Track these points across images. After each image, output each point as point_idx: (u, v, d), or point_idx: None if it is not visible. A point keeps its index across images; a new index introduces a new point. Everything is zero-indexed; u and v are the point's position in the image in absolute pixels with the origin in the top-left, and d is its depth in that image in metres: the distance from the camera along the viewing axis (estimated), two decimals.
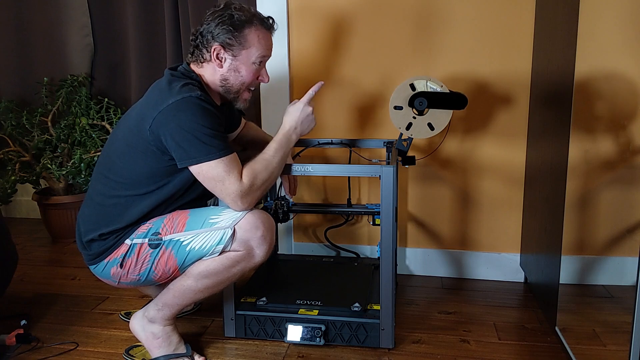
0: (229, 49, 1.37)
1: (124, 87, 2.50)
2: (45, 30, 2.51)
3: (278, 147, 1.40)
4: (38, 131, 2.39)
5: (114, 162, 1.39)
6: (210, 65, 1.40)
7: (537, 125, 1.73)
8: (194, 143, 1.27)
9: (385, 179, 1.40)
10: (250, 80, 1.42)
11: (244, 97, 1.46)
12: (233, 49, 1.37)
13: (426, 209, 1.99)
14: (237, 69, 1.39)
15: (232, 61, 1.39)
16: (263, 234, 1.33)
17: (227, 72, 1.40)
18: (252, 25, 1.38)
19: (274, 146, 1.40)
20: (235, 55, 1.38)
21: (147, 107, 1.33)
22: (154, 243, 1.35)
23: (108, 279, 1.41)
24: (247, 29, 1.37)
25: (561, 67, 1.45)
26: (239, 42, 1.37)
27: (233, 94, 1.43)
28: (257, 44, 1.39)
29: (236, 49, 1.37)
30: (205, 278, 1.35)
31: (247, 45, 1.38)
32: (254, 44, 1.38)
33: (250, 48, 1.38)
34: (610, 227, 1.81)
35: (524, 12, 1.78)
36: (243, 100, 1.46)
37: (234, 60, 1.39)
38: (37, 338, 1.59)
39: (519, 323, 1.66)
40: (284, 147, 1.41)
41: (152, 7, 2.33)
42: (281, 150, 1.40)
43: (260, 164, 1.37)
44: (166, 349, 1.43)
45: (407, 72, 1.89)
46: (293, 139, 1.44)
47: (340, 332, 1.51)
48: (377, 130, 1.96)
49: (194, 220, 1.35)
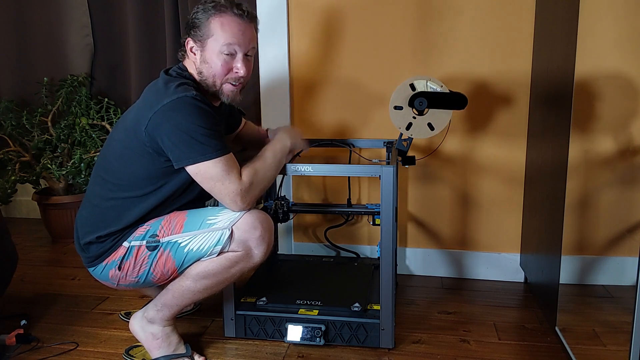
0: (198, 40, 1.35)
1: (124, 87, 2.50)
2: (45, 30, 2.51)
3: (273, 150, 1.42)
4: (38, 131, 2.39)
5: (111, 164, 1.38)
6: (190, 60, 1.39)
7: (537, 125, 1.73)
8: (190, 143, 1.26)
9: (385, 179, 1.40)
10: (221, 72, 1.35)
11: (226, 90, 1.38)
12: (201, 39, 1.34)
13: (426, 209, 1.99)
14: (206, 60, 1.35)
15: (202, 52, 1.36)
16: (261, 234, 1.33)
17: (200, 64, 1.37)
18: (216, 13, 1.33)
19: (269, 148, 1.42)
20: (203, 45, 1.35)
21: (143, 108, 1.32)
22: (151, 245, 1.35)
23: (107, 281, 1.41)
24: (212, 17, 1.33)
25: (561, 67, 1.45)
26: (204, 32, 1.34)
27: (212, 88, 1.38)
28: (220, 30, 1.32)
29: (203, 39, 1.34)
30: (204, 279, 1.35)
31: (210, 33, 1.33)
32: (216, 31, 1.32)
33: (213, 36, 1.33)
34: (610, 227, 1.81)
35: (524, 12, 1.78)
36: (226, 94, 1.39)
37: (203, 52, 1.35)
38: (37, 338, 1.59)
39: (519, 323, 1.66)
40: (279, 149, 1.43)
41: (152, 7, 2.34)
42: (275, 152, 1.42)
43: (258, 163, 1.37)
44: (166, 349, 1.43)
45: (407, 72, 1.89)
46: (287, 145, 1.45)
47: (340, 332, 1.51)
48: (377, 130, 1.96)
49: (192, 222, 1.35)
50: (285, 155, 1.45)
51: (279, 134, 1.50)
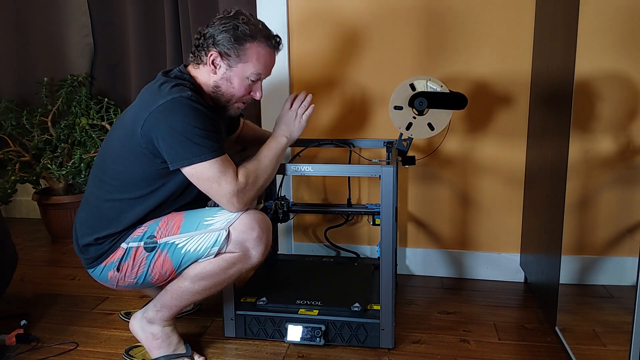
0: (226, 58, 1.35)
1: (124, 87, 2.50)
2: (45, 30, 2.51)
3: (268, 149, 1.42)
4: (38, 131, 2.39)
5: (108, 166, 1.38)
6: (206, 69, 1.38)
7: (537, 125, 1.73)
8: (185, 144, 1.26)
9: (385, 179, 1.40)
10: (241, 94, 1.40)
11: (236, 106, 1.44)
12: (230, 59, 1.35)
13: (426, 209, 1.99)
14: (230, 79, 1.37)
15: (227, 71, 1.37)
16: (259, 234, 1.33)
17: (220, 80, 1.38)
18: (254, 41, 1.35)
19: (265, 148, 1.43)
20: (231, 66, 1.36)
21: (139, 109, 1.31)
22: (149, 246, 1.35)
23: (106, 282, 1.41)
24: (249, 44, 1.35)
25: (561, 67, 1.45)
26: (237, 54, 1.35)
27: (223, 102, 1.42)
28: (256, 61, 1.36)
29: (233, 60, 1.35)
30: (202, 280, 1.35)
31: (245, 59, 1.35)
32: (251, 60, 1.36)
33: (247, 63, 1.36)
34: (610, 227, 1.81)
35: (524, 12, 1.77)
36: (235, 109, 1.44)
37: (228, 71, 1.37)
38: (37, 338, 1.59)
39: (519, 323, 1.66)
40: (274, 149, 1.43)
41: (152, 7, 2.34)
42: (272, 151, 1.42)
43: (254, 163, 1.37)
44: (166, 349, 1.43)
45: (407, 72, 1.89)
46: (283, 142, 1.45)
47: (340, 332, 1.51)
48: (377, 130, 1.96)
49: (189, 223, 1.35)
50: (283, 153, 1.45)
51: (275, 130, 1.49)
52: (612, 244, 1.81)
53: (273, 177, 1.44)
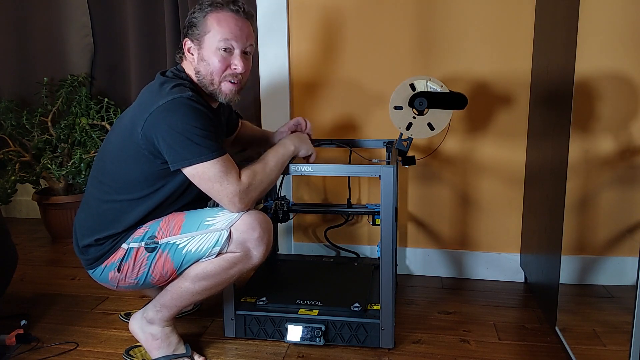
0: (195, 39, 1.35)
1: (124, 87, 2.50)
2: (45, 30, 2.51)
3: (275, 153, 1.42)
4: (38, 131, 2.39)
5: (107, 167, 1.38)
6: (187, 61, 1.39)
7: (537, 125, 1.73)
8: (186, 144, 1.25)
9: (385, 179, 1.40)
10: (219, 69, 1.34)
11: (224, 89, 1.37)
12: (197, 37, 1.34)
13: (426, 209, 1.99)
14: (203, 57, 1.34)
15: (199, 50, 1.35)
16: (260, 235, 1.32)
17: (197, 63, 1.36)
18: (212, 10, 1.34)
19: (272, 152, 1.42)
20: (200, 44, 1.35)
21: (139, 110, 1.31)
22: (150, 247, 1.35)
23: (106, 283, 1.41)
24: (208, 14, 1.34)
25: (561, 67, 1.45)
26: (200, 30, 1.34)
27: (210, 87, 1.37)
28: (217, 26, 1.33)
29: (199, 36, 1.34)
30: (203, 280, 1.34)
31: (207, 29, 1.33)
32: (213, 27, 1.33)
33: (209, 32, 1.33)
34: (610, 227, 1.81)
35: (524, 12, 1.78)
36: (224, 93, 1.37)
37: (200, 50, 1.35)
38: (37, 338, 1.59)
39: (519, 323, 1.66)
40: (280, 155, 1.42)
41: (152, 7, 2.34)
42: (278, 157, 1.41)
43: (260, 165, 1.37)
44: (166, 349, 1.43)
45: (407, 72, 1.89)
46: (290, 150, 1.44)
47: (340, 332, 1.51)
48: (377, 130, 1.96)
49: (190, 223, 1.35)
50: (288, 160, 1.44)
51: (284, 139, 1.49)
52: (612, 244, 1.81)
53: (276, 180, 1.44)
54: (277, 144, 1.47)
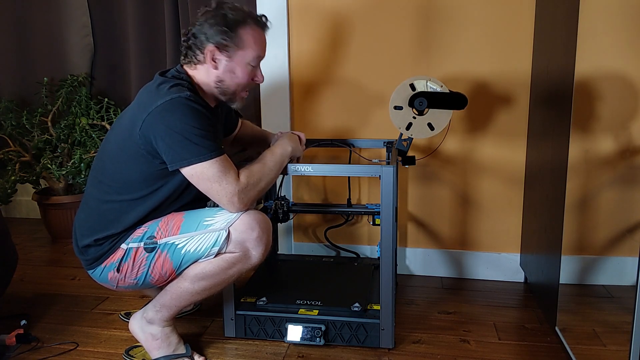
0: (224, 50, 1.34)
1: (124, 87, 2.50)
2: (45, 30, 2.51)
3: (273, 154, 1.42)
4: (38, 131, 2.39)
5: (107, 167, 1.37)
6: (204, 67, 1.37)
7: (537, 125, 1.73)
8: (185, 144, 1.25)
9: (385, 179, 1.40)
10: (245, 81, 1.39)
11: (241, 96, 1.43)
12: (228, 49, 1.34)
13: (426, 209, 1.99)
14: (233, 69, 1.37)
15: (228, 62, 1.36)
16: (259, 235, 1.32)
17: (223, 73, 1.37)
18: (246, 25, 1.35)
19: (268, 152, 1.43)
20: (231, 56, 1.35)
21: (137, 110, 1.31)
22: (149, 247, 1.35)
23: (106, 283, 1.41)
24: (242, 29, 1.34)
25: (561, 67, 1.45)
26: (234, 42, 1.34)
27: (229, 95, 1.41)
28: (253, 44, 1.36)
29: (231, 49, 1.34)
30: (202, 280, 1.34)
31: (243, 46, 1.35)
32: (249, 45, 1.35)
33: (246, 49, 1.35)
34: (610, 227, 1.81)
35: (524, 12, 1.78)
36: (240, 99, 1.43)
37: (230, 62, 1.36)
38: (37, 338, 1.59)
39: (519, 323, 1.66)
40: (278, 155, 1.43)
41: (152, 7, 2.33)
42: (276, 157, 1.42)
43: (257, 165, 1.37)
44: (165, 349, 1.43)
45: (407, 72, 1.89)
46: (288, 150, 1.45)
47: (340, 332, 1.51)
48: (377, 130, 1.96)
49: (189, 223, 1.35)
50: (286, 160, 1.45)
51: (281, 139, 1.50)
52: (612, 244, 1.81)
53: (275, 181, 1.44)
54: (274, 144, 1.48)
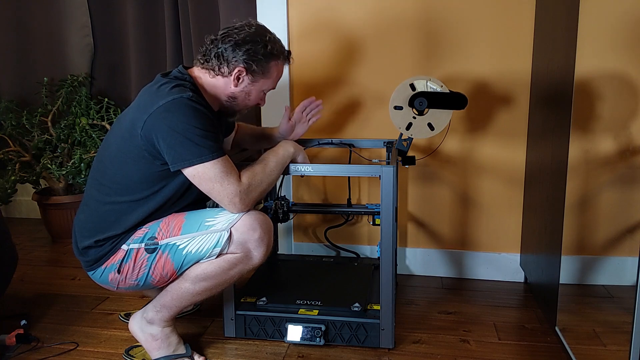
0: (251, 74, 1.39)
1: (124, 87, 2.51)
2: (45, 30, 2.51)
3: (275, 154, 1.43)
4: (38, 131, 2.39)
5: (107, 168, 1.37)
6: (225, 80, 1.39)
7: (537, 125, 1.73)
8: (186, 145, 1.25)
9: (385, 179, 1.40)
10: (253, 104, 1.48)
11: (241, 113, 1.51)
12: (255, 75, 1.39)
13: (426, 209, 1.99)
14: (249, 93, 1.43)
15: (248, 85, 1.41)
16: (260, 235, 1.33)
17: (239, 92, 1.41)
18: (278, 60, 1.42)
19: (272, 153, 1.44)
20: (253, 81, 1.41)
21: (138, 111, 1.31)
22: (150, 248, 1.34)
23: (107, 284, 1.41)
24: (273, 62, 1.41)
25: (561, 67, 1.45)
26: (262, 71, 1.39)
27: (233, 111, 1.47)
28: (275, 77, 1.45)
29: (257, 76, 1.40)
30: (203, 281, 1.34)
31: (268, 76, 1.42)
32: (272, 76, 1.43)
33: (268, 79, 1.43)
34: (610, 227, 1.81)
35: (524, 12, 1.78)
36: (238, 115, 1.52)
37: (250, 85, 1.41)
38: (37, 338, 1.59)
39: (519, 323, 1.66)
40: (281, 156, 1.44)
41: (152, 7, 2.34)
42: (279, 157, 1.43)
43: (258, 166, 1.37)
44: (165, 350, 1.43)
45: (407, 72, 1.89)
46: (290, 151, 1.46)
47: (340, 332, 1.51)
48: (377, 130, 1.96)
49: (190, 224, 1.35)
50: (288, 160, 1.45)
51: (284, 141, 1.51)
52: (612, 244, 1.81)
53: (276, 181, 1.45)
54: (277, 145, 1.48)
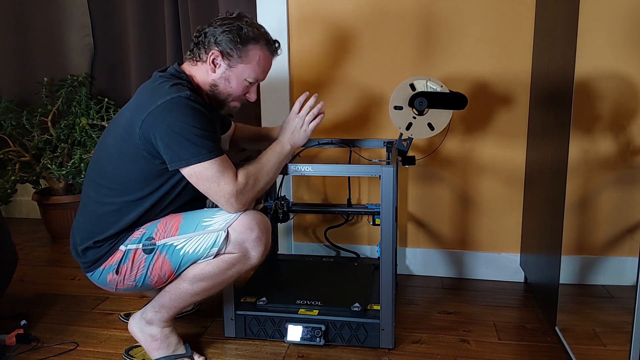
0: (227, 58, 1.36)
1: (124, 87, 2.50)
2: (45, 30, 2.51)
3: (272, 153, 1.42)
4: (38, 131, 2.39)
5: (105, 169, 1.37)
6: (204, 67, 1.39)
7: (537, 125, 1.73)
8: (184, 144, 1.25)
9: (385, 179, 1.40)
10: (237, 94, 1.42)
11: (231, 105, 1.45)
12: (231, 59, 1.36)
13: (426, 209, 1.99)
14: (229, 79, 1.39)
15: (226, 70, 1.38)
16: (258, 235, 1.32)
17: (219, 78, 1.38)
18: (257, 44, 1.37)
19: (268, 152, 1.42)
20: (231, 66, 1.37)
21: (136, 110, 1.30)
22: (148, 248, 1.34)
23: (105, 285, 1.41)
24: (252, 46, 1.37)
25: (561, 67, 1.45)
26: (239, 55, 1.36)
27: (219, 101, 1.43)
28: (256, 64, 1.38)
29: (234, 60, 1.37)
30: (201, 281, 1.34)
31: (246, 61, 1.37)
32: (252, 62, 1.38)
33: (247, 65, 1.37)
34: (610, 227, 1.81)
35: (524, 12, 1.77)
36: (230, 108, 1.45)
37: (228, 70, 1.38)
38: (37, 338, 1.59)
39: (519, 323, 1.66)
40: (277, 154, 1.42)
41: (152, 7, 2.34)
42: (275, 156, 1.41)
43: (256, 166, 1.37)
44: (165, 350, 1.43)
45: (407, 72, 1.89)
46: (287, 148, 1.45)
47: (340, 332, 1.51)
48: (377, 130, 1.96)
49: (187, 224, 1.34)
50: (287, 158, 1.45)
51: (281, 134, 1.49)
52: (612, 244, 1.81)
53: (274, 180, 1.44)
54: (274, 142, 1.47)
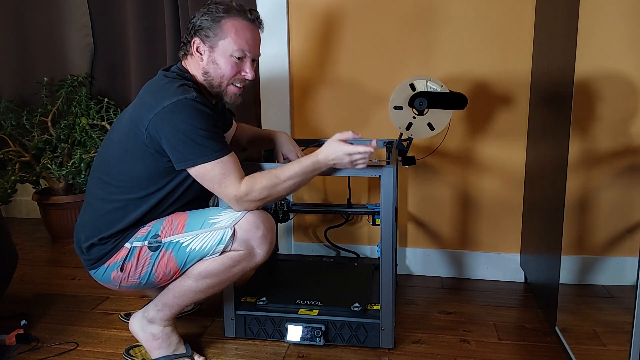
0: (207, 41, 1.36)
1: (124, 87, 2.50)
2: (45, 30, 2.51)
3: (299, 172, 1.32)
4: (38, 131, 2.39)
5: (111, 167, 1.37)
6: (194, 59, 1.39)
7: (537, 125, 1.73)
8: (190, 145, 1.26)
9: (385, 179, 1.40)
10: (230, 74, 1.37)
11: (230, 92, 1.40)
12: (210, 40, 1.35)
13: (426, 209, 1.99)
14: (215, 60, 1.36)
15: (210, 53, 1.37)
16: (264, 233, 1.33)
17: (207, 64, 1.37)
18: (229, 16, 1.35)
19: (295, 169, 1.32)
20: (213, 46, 1.36)
21: (142, 109, 1.31)
22: (153, 245, 1.35)
23: (109, 283, 1.41)
24: (224, 20, 1.35)
25: (561, 67, 1.45)
26: (215, 33, 1.35)
27: (216, 88, 1.40)
28: (234, 35, 1.35)
29: (213, 40, 1.35)
30: (206, 278, 1.35)
31: (223, 35, 1.35)
32: (230, 35, 1.34)
33: (226, 39, 1.35)
34: (610, 227, 1.81)
35: (524, 12, 1.77)
36: (230, 95, 1.41)
37: (212, 52, 1.36)
38: (37, 338, 1.59)
39: (519, 323, 1.66)
40: (306, 174, 1.33)
41: (152, 7, 2.34)
42: (300, 177, 1.33)
43: (268, 180, 1.31)
44: (166, 349, 1.43)
45: (407, 72, 1.89)
46: (321, 169, 1.34)
47: (340, 332, 1.51)
48: (377, 130, 1.96)
49: (194, 222, 1.35)
50: (315, 173, 1.35)
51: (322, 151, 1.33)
52: (612, 244, 1.81)
53: (289, 193, 1.38)
54: (309, 160, 1.33)
